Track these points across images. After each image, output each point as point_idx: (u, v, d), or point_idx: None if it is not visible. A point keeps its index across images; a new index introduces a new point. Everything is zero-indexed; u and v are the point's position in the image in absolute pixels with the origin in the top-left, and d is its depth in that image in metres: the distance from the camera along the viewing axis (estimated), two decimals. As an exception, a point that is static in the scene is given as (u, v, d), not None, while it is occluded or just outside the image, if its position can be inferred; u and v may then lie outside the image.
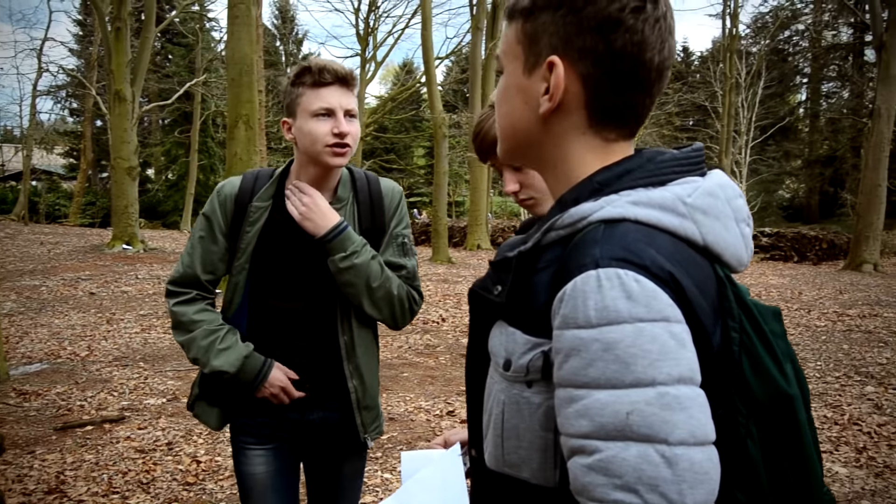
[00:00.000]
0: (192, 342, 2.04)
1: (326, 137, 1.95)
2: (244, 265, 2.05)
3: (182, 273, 2.09)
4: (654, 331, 0.76)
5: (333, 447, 2.19)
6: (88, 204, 34.68)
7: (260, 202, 2.05)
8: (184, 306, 2.07)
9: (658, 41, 0.90)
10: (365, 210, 2.12)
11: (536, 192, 1.62)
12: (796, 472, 0.86)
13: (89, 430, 5.05)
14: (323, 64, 1.98)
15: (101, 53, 28.25)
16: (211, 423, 2.16)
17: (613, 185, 0.90)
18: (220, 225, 2.07)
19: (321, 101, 1.95)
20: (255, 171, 2.16)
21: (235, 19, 11.00)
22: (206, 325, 2.05)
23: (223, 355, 2.01)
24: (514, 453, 0.92)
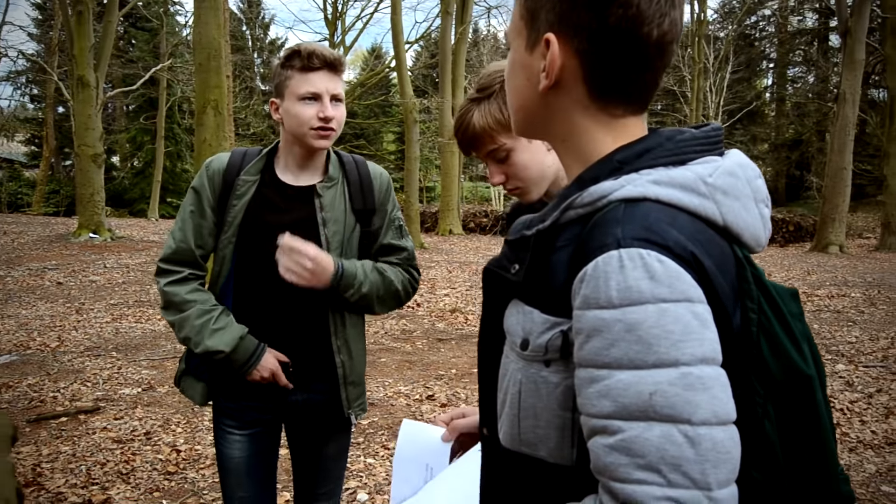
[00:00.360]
0: (185, 321, 2.04)
1: (312, 121, 2.01)
2: (231, 238, 2.08)
3: (175, 249, 2.10)
4: (677, 311, 0.76)
5: (317, 427, 2.23)
6: (52, 192, 33.98)
7: (248, 176, 2.09)
8: (176, 286, 2.08)
9: (656, 14, 0.87)
10: (356, 191, 2.16)
11: (521, 181, 1.63)
12: (813, 452, 0.87)
13: (64, 422, 4.97)
14: (312, 49, 2.02)
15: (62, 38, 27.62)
16: (196, 399, 2.18)
17: (633, 164, 0.89)
18: (209, 198, 2.10)
19: (308, 86, 2.01)
20: (243, 148, 2.20)
21: (202, 3, 10.79)
22: (199, 304, 2.06)
23: (217, 335, 2.02)
24: (531, 432, 0.92)
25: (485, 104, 1.58)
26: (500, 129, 1.56)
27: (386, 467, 4.21)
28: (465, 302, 10.20)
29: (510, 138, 1.58)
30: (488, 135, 1.57)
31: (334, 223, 2.09)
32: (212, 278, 2.13)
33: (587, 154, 0.95)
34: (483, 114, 1.57)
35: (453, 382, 6.00)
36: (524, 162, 1.61)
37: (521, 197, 1.67)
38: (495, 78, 1.58)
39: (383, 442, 4.61)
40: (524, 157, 1.60)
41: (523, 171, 1.61)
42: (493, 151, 1.60)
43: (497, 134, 1.57)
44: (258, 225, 2.07)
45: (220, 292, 2.12)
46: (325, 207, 2.09)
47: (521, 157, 1.60)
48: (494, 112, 1.56)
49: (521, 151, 1.60)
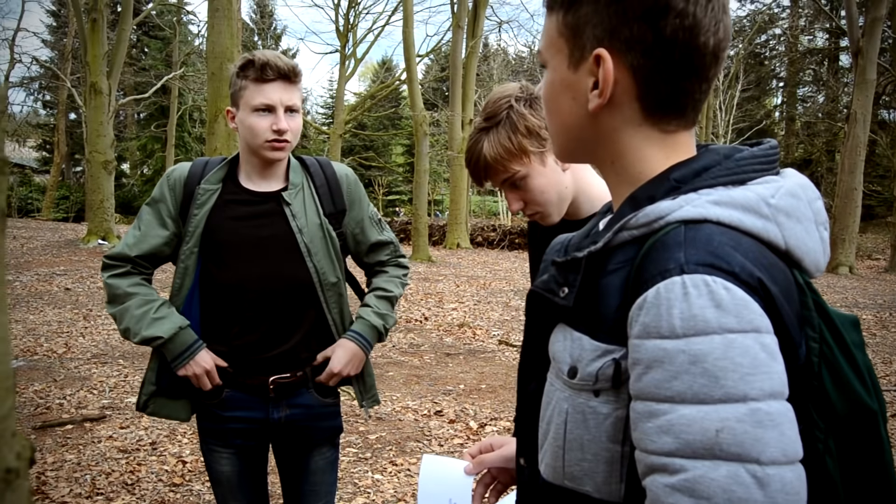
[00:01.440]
0: (125, 312, 2.02)
1: (265, 133, 1.99)
2: (193, 248, 2.05)
3: (120, 252, 2.08)
4: (744, 342, 0.71)
5: (302, 442, 2.20)
6: (62, 198, 34.16)
7: (208, 185, 2.06)
8: (118, 279, 2.05)
9: (712, 23, 0.83)
10: (325, 194, 2.14)
11: (540, 205, 1.61)
12: (876, 490, 0.82)
13: (69, 430, 4.94)
14: (266, 59, 1.98)
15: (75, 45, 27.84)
16: (180, 416, 2.15)
17: (691, 183, 0.85)
18: (170, 209, 2.08)
19: (262, 98, 1.98)
20: (204, 158, 2.18)
21: (216, 12, 10.86)
22: (141, 295, 2.04)
23: (157, 324, 2.00)
24: (576, 465, 0.87)
25: (493, 133, 1.55)
26: (511, 157, 1.54)
27: (394, 483, 4.15)
28: (473, 316, 10.15)
29: (522, 165, 1.55)
30: (500, 164, 1.55)
31: (308, 229, 2.07)
32: (173, 290, 2.09)
33: (638, 174, 0.90)
34: (493, 144, 1.54)
35: (461, 398, 5.95)
36: (541, 187, 1.58)
37: (542, 221, 1.65)
38: (501, 105, 1.56)
39: (391, 458, 4.56)
40: (540, 181, 1.58)
41: (541, 196, 1.59)
42: (507, 180, 1.58)
43: (508, 163, 1.55)
44: (224, 234, 2.04)
45: (183, 305, 2.08)
46: (297, 215, 2.06)
47: (537, 183, 1.58)
48: (503, 140, 1.54)
49: (536, 176, 1.57)
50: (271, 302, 2.05)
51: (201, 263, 2.06)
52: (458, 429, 5.15)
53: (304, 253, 2.05)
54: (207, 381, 2.04)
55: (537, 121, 1.55)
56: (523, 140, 1.53)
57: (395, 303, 2.27)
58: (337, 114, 29.42)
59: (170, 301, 2.09)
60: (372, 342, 2.18)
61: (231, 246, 2.03)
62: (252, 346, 2.07)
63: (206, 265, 2.06)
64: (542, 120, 1.54)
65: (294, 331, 2.09)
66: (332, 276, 2.10)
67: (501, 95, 1.58)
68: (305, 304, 2.09)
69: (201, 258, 2.05)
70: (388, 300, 2.25)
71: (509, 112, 1.54)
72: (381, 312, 2.21)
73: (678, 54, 0.83)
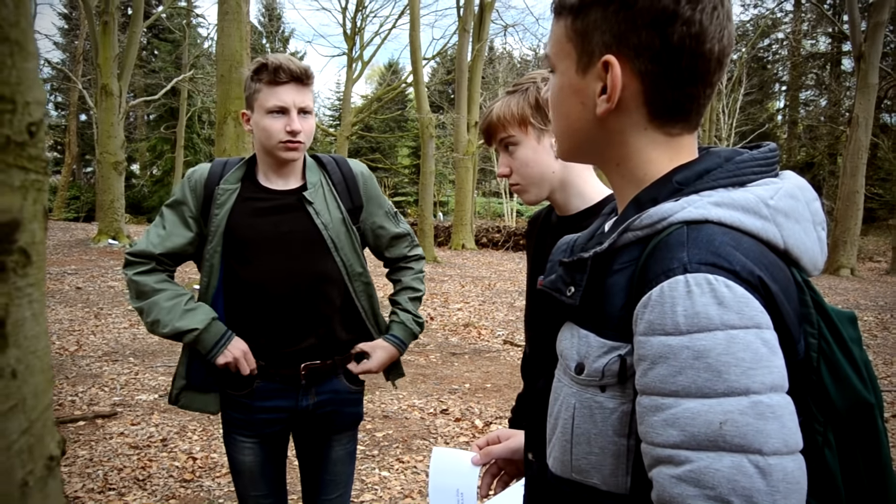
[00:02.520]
0: (154, 305, 2.04)
1: (279, 134, 2.04)
2: (216, 248, 2.09)
3: (144, 249, 2.10)
4: (746, 338, 0.74)
5: (324, 432, 2.24)
6: (73, 198, 34.32)
7: (227, 185, 2.11)
8: (144, 276, 2.08)
9: (717, 30, 0.86)
10: (342, 190, 2.19)
11: (522, 178, 1.67)
12: (874, 482, 0.84)
13: (81, 426, 5.00)
14: (279, 62, 2.03)
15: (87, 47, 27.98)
16: (209, 409, 2.19)
17: (693, 185, 0.88)
18: (192, 209, 2.12)
19: (276, 100, 2.03)
20: (223, 159, 2.22)
21: (225, 15, 10.91)
22: (170, 290, 2.07)
23: (189, 315, 2.03)
24: (583, 459, 0.90)
25: (509, 98, 1.65)
26: (512, 120, 1.63)
27: (401, 480, 4.20)
28: (478, 317, 10.18)
29: (518, 131, 1.64)
30: (500, 123, 1.64)
31: (333, 224, 2.12)
32: (201, 289, 2.13)
33: (643, 176, 0.93)
34: (504, 104, 1.65)
35: (467, 397, 5.99)
36: (526, 159, 1.65)
37: (519, 195, 1.71)
38: (531, 77, 1.66)
39: (398, 455, 4.60)
40: (527, 153, 1.65)
41: (524, 168, 1.65)
42: (502, 139, 1.66)
43: (508, 124, 1.64)
44: (246, 231, 2.09)
45: (212, 303, 2.12)
46: (321, 212, 2.11)
47: (524, 153, 1.65)
48: (513, 105, 1.63)
49: (526, 148, 1.65)
50: (298, 296, 2.09)
51: (224, 262, 2.10)
52: (463, 427, 5.19)
53: (331, 248, 2.10)
54: (246, 365, 2.07)
55: None
56: (527, 109, 1.62)
57: (421, 299, 2.38)
58: (344, 116, 29.49)
59: (199, 299, 2.13)
60: (408, 344, 2.30)
61: (252, 243, 2.08)
62: (280, 339, 2.11)
63: (229, 263, 2.10)
64: None
65: (323, 322, 2.14)
66: (357, 266, 2.16)
67: (532, 74, 1.68)
68: (334, 295, 2.14)
69: (224, 256, 2.10)
70: (420, 300, 2.36)
71: (530, 86, 1.64)
72: (419, 319, 2.33)
73: (685, 61, 0.86)
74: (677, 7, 0.84)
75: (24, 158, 0.49)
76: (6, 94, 0.46)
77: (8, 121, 0.47)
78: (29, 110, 0.49)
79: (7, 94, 0.46)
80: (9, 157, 0.47)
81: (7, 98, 0.46)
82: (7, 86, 0.46)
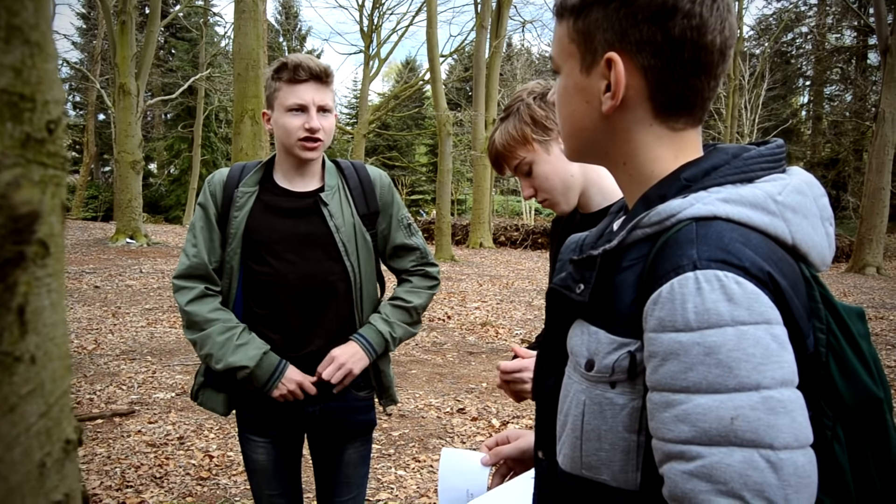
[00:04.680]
0: (208, 338, 2.07)
1: (298, 132, 2.05)
2: (236, 250, 2.12)
3: (189, 265, 2.13)
4: (756, 334, 0.75)
5: (337, 435, 2.25)
6: (91, 197, 34.69)
7: (246, 187, 2.13)
8: (197, 305, 2.10)
9: (718, 21, 0.87)
10: (358, 195, 2.20)
11: (548, 192, 1.69)
12: (883, 477, 0.85)
13: (100, 424, 5.05)
14: (299, 61, 2.05)
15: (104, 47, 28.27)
16: (218, 409, 2.21)
17: (701, 182, 0.88)
18: (214, 213, 2.15)
19: (295, 98, 2.05)
20: (242, 163, 2.25)
21: (242, 14, 11.00)
22: (222, 322, 2.08)
23: (241, 350, 2.05)
24: (593, 455, 0.90)
25: (504, 123, 1.68)
26: (516, 144, 1.65)
27: (416, 479, 4.21)
28: (495, 315, 10.19)
29: (527, 152, 1.66)
30: (507, 150, 1.67)
31: (345, 228, 2.13)
32: (223, 291, 2.17)
33: (649, 174, 0.94)
34: (502, 132, 1.67)
35: (484, 396, 5.99)
36: (545, 173, 1.67)
37: (552, 209, 1.73)
38: (516, 100, 1.69)
39: (414, 454, 4.61)
40: (545, 168, 1.67)
41: (546, 182, 1.67)
42: (517, 166, 1.68)
43: (514, 149, 1.66)
44: (264, 233, 2.11)
45: (234, 305, 2.15)
46: (335, 214, 2.12)
47: (541, 169, 1.67)
48: (510, 129, 1.66)
49: (541, 163, 1.67)
50: (309, 298, 2.11)
51: (243, 263, 2.13)
52: (480, 426, 5.20)
53: (342, 252, 2.11)
54: (302, 395, 2.10)
55: (543, 112, 1.67)
56: (526, 128, 1.64)
57: (413, 313, 2.26)
58: (361, 114, 29.61)
59: (222, 301, 2.16)
60: (376, 346, 2.17)
61: (270, 244, 2.10)
62: (289, 341, 2.13)
63: (246, 263, 2.13)
64: (548, 111, 1.67)
65: (329, 327, 2.15)
66: (366, 275, 2.16)
67: (518, 92, 1.71)
68: (341, 301, 2.15)
69: (243, 258, 2.12)
70: (405, 310, 2.24)
71: (520, 105, 1.67)
72: (390, 321, 2.20)
73: (687, 53, 0.87)
74: (677, 1, 0.85)
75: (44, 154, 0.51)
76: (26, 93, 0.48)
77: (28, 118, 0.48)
78: (48, 108, 0.51)
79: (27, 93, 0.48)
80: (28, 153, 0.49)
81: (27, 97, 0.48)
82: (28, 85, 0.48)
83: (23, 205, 0.46)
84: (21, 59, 0.47)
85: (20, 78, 0.46)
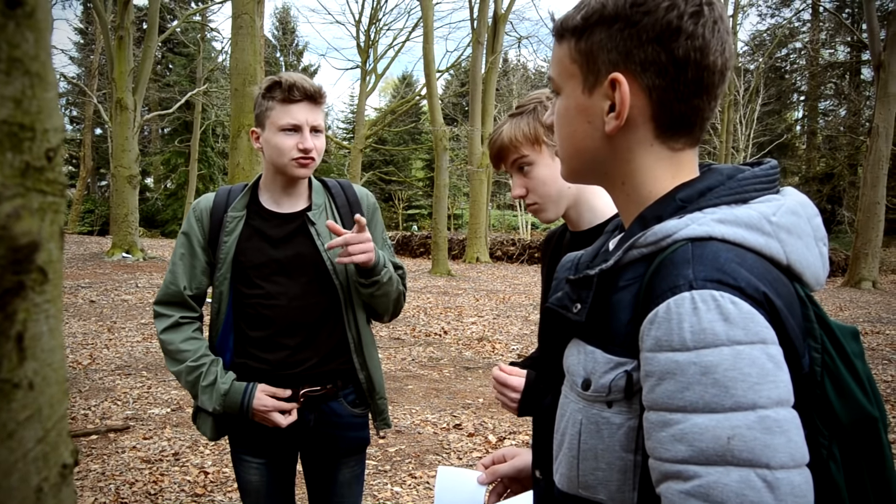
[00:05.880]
0: (180, 376, 2.12)
1: (292, 151, 2.06)
2: (226, 275, 2.12)
3: (166, 291, 2.15)
4: (752, 353, 0.75)
5: (331, 452, 2.23)
6: (87, 212, 34.70)
7: (234, 212, 2.14)
8: (170, 333, 2.12)
9: (719, 43, 0.89)
10: (346, 214, 2.21)
11: (540, 197, 1.68)
12: (879, 496, 0.85)
13: (94, 440, 5.03)
14: (293, 81, 2.06)
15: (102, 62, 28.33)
16: (207, 434, 2.21)
17: (696, 203, 0.89)
18: (199, 239, 2.16)
19: (289, 118, 2.06)
20: (227, 187, 2.25)
21: (239, 30, 11.03)
22: (190, 357, 2.10)
23: (206, 393, 2.08)
24: (590, 475, 0.90)
25: (517, 119, 1.67)
26: (525, 140, 1.65)
27: (412, 496, 4.19)
28: (492, 331, 10.18)
29: (533, 151, 1.65)
30: (513, 145, 1.66)
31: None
32: (212, 316, 2.17)
33: (646, 194, 0.95)
34: (513, 127, 1.66)
35: (480, 412, 5.97)
36: (544, 177, 1.67)
37: (537, 214, 1.72)
38: (532, 100, 1.68)
39: (410, 470, 4.59)
40: (545, 172, 1.67)
41: (542, 187, 1.67)
42: (516, 160, 1.67)
43: (521, 145, 1.65)
44: (253, 256, 2.11)
45: (222, 328, 2.16)
46: (322, 234, 2.12)
47: (541, 172, 1.66)
48: (523, 126, 1.65)
49: (542, 167, 1.66)
50: (301, 318, 2.11)
51: (233, 287, 2.13)
52: (476, 442, 5.18)
53: (330, 271, 2.11)
54: (281, 419, 2.09)
55: None
56: (539, 128, 1.64)
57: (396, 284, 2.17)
58: (357, 129, 29.67)
59: (211, 325, 2.16)
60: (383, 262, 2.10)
61: (260, 267, 2.11)
62: (282, 361, 2.12)
63: (236, 287, 2.13)
64: None
65: (321, 345, 2.14)
66: (355, 293, 2.16)
67: (533, 95, 1.71)
68: (333, 320, 2.15)
69: (233, 282, 2.13)
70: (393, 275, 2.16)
71: (536, 106, 1.66)
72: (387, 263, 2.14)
73: (691, 73, 0.88)
74: (681, 22, 0.87)
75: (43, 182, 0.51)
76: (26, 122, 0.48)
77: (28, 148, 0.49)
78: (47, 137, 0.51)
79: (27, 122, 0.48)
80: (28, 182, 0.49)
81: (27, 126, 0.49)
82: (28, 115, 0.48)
83: (22, 235, 0.47)
84: (21, 90, 0.47)
85: (20, 108, 0.47)
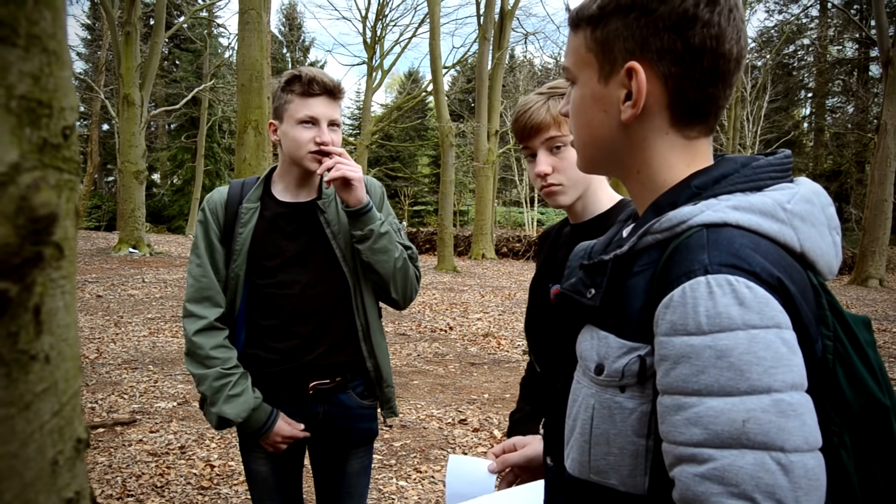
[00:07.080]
0: (205, 379, 2.08)
1: (309, 145, 2.07)
2: (241, 266, 2.13)
3: (198, 286, 2.13)
4: (767, 337, 0.76)
5: (339, 443, 2.25)
6: (94, 207, 34.81)
7: (249, 203, 2.15)
8: (202, 336, 2.10)
9: (734, 31, 0.89)
10: None
11: (567, 179, 1.64)
12: (889, 484, 0.85)
13: (101, 433, 5.05)
14: (313, 75, 2.07)
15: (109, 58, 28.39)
16: (213, 423, 2.21)
17: (711, 190, 0.90)
18: (215, 231, 2.16)
19: (307, 111, 2.07)
20: (240, 180, 2.26)
21: (246, 25, 11.06)
22: (220, 364, 2.09)
23: (232, 402, 2.07)
24: (602, 460, 0.91)
25: (558, 100, 1.61)
26: (566, 121, 1.60)
27: (418, 490, 4.20)
28: (497, 327, 10.18)
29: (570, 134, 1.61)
30: (556, 122, 1.61)
31: (342, 235, 2.14)
32: (226, 305, 2.17)
33: (661, 182, 0.95)
34: (555, 105, 1.61)
35: (486, 407, 5.98)
36: (574, 160, 1.64)
37: (554, 196, 1.66)
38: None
39: (415, 465, 4.61)
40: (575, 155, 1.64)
41: (571, 169, 1.63)
42: (551, 139, 1.62)
43: (562, 124, 1.61)
44: (268, 247, 2.13)
45: (237, 319, 2.17)
46: (331, 222, 2.14)
47: (573, 155, 1.62)
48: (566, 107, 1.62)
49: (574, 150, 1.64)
50: (312, 307, 2.12)
51: (248, 278, 2.15)
52: (481, 437, 5.19)
53: (339, 259, 2.12)
54: (283, 447, 2.14)
55: None
56: None
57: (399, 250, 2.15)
58: (364, 125, 29.71)
59: (225, 315, 2.16)
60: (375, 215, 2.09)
61: (274, 258, 2.12)
62: (293, 351, 2.13)
63: (251, 278, 2.14)
64: None
65: (332, 334, 2.16)
66: (364, 281, 2.17)
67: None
68: (342, 308, 2.16)
69: (248, 273, 2.14)
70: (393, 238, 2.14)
71: None
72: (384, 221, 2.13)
73: (707, 61, 0.89)
74: (697, 10, 0.87)
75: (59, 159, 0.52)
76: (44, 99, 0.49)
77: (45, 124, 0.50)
78: (64, 115, 0.52)
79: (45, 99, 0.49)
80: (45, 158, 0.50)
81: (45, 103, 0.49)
82: (45, 92, 0.49)
83: (42, 206, 0.47)
84: (39, 67, 0.48)
85: (38, 85, 0.48)
